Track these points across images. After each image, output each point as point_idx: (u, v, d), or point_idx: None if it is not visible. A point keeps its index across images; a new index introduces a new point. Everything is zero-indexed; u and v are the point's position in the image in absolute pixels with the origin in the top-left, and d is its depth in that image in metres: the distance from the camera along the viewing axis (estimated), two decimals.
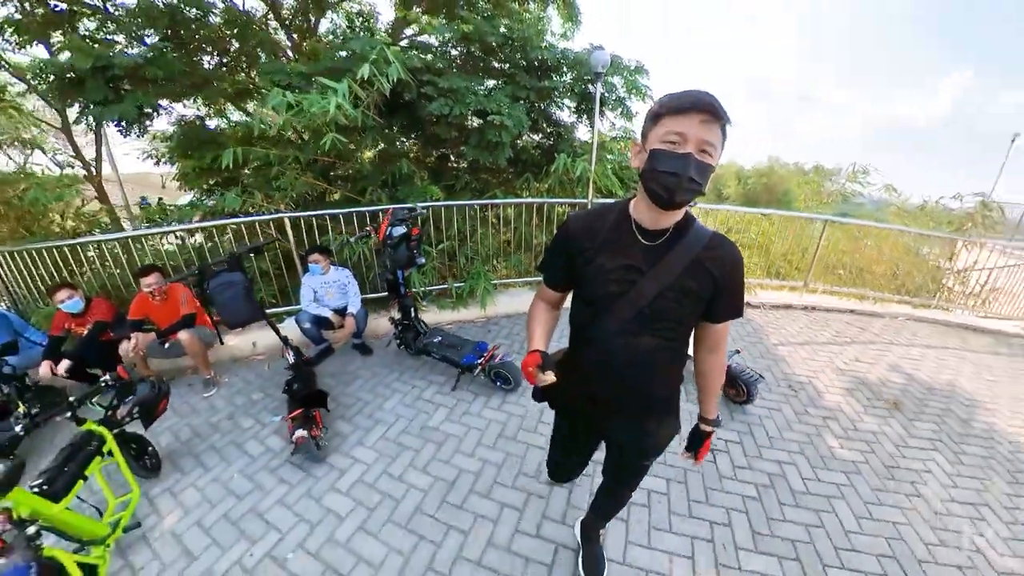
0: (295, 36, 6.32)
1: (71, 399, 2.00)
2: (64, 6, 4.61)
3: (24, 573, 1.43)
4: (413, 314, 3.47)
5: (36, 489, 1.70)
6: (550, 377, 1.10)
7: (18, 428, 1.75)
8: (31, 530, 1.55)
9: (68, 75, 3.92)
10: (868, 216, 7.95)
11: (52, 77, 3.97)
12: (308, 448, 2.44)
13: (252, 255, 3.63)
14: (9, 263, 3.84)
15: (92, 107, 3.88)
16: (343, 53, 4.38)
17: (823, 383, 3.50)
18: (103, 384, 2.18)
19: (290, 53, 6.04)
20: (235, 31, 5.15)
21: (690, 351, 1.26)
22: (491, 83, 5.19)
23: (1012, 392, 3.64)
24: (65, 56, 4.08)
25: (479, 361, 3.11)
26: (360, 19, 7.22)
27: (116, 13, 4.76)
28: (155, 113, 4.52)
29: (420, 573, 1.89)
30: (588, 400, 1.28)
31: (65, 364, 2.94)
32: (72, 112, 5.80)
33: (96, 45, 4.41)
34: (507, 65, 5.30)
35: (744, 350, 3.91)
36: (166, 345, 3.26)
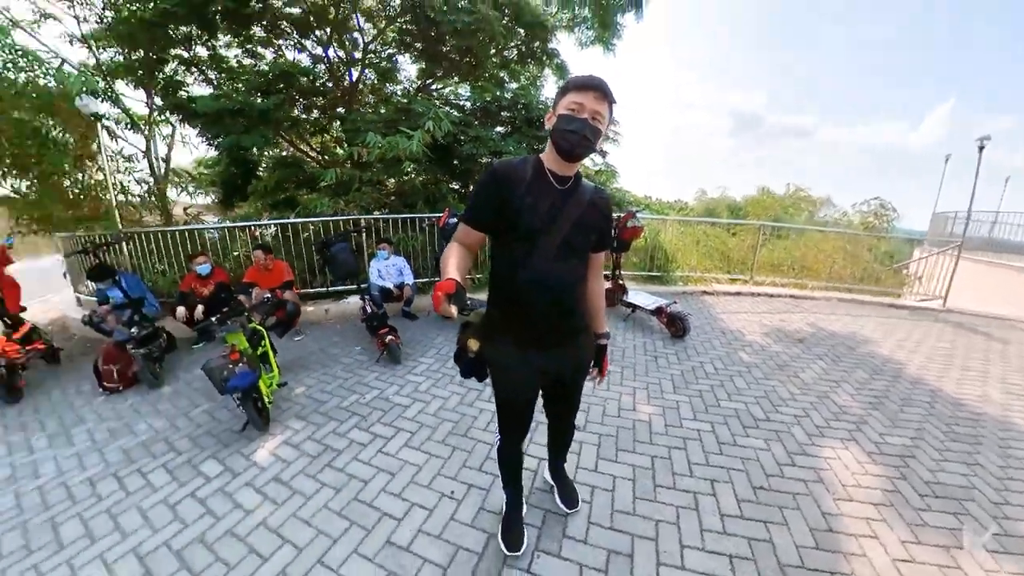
0: (343, 85, 8.15)
1: (246, 309, 3.25)
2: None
3: (250, 375, 2.65)
4: None
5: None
6: (474, 345, 1.42)
7: (215, 322, 2.90)
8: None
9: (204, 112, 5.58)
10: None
11: (202, 114, 5.63)
12: (395, 349, 3.70)
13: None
14: (135, 243, 5.26)
15: (225, 137, 5.47)
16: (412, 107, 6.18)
17: (748, 331, 4.79)
18: (265, 299, 3.46)
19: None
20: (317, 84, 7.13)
21: None
22: (499, 129, 7.07)
23: (898, 336, 4.90)
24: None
25: None
26: (384, 74, 9.03)
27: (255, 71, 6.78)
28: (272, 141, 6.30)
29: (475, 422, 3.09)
30: (529, 328, 1.42)
31: (200, 309, 4.19)
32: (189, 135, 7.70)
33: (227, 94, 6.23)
34: (512, 116, 7.21)
35: (691, 315, 5.20)
36: (267, 297, 4.50)
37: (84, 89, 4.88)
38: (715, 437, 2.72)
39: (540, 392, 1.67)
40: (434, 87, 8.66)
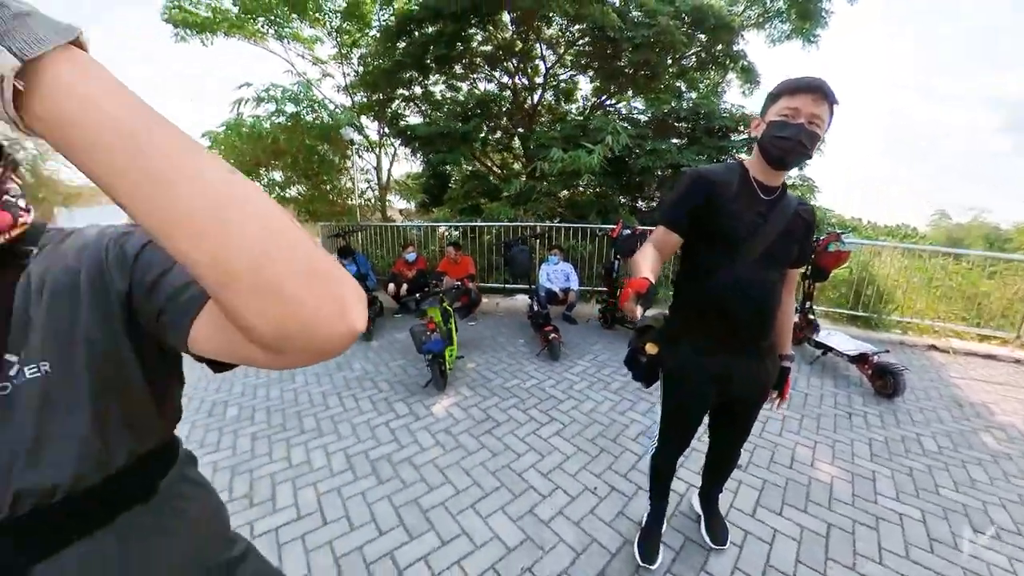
0: (524, 108, 9.10)
1: (439, 292, 3.87)
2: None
3: (440, 343, 3.14)
4: (619, 293, 4.85)
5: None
6: (652, 349, 1.40)
7: (417, 298, 3.57)
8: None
9: (421, 136, 6.92)
10: None
11: (419, 138, 7.03)
12: (556, 347, 3.94)
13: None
14: (366, 233, 6.88)
15: (435, 155, 6.67)
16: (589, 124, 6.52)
17: (1003, 410, 3.56)
18: (455, 286, 4.06)
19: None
20: (503, 108, 8.22)
21: None
22: (675, 141, 6.93)
23: None
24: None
25: None
26: (564, 95, 9.70)
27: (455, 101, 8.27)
28: (467, 158, 7.45)
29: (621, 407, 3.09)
30: (717, 336, 1.38)
31: (405, 287, 5.12)
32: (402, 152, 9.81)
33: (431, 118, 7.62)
34: (690, 127, 6.99)
35: (909, 372, 4.14)
36: (457, 285, 5.26)
37: (346, 123, 7.01)
38: (926, 530, 2.15)
39: (709, 411, 1.59)
40: (609, 102, 8.95)
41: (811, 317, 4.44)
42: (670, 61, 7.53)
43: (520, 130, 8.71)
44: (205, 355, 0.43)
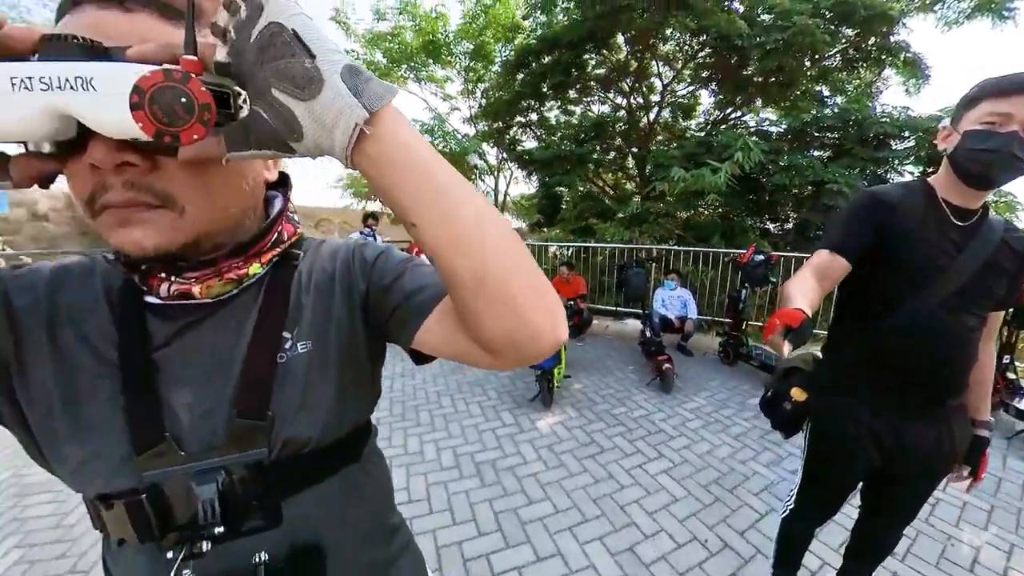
0: (639, 127, 8.89)
1: None
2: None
3: (552, 360, 3.14)
4: (744, 326, 4.39)
5: None
6: (800, 395, 1.18)
7: None
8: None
9: (538, 159, 7.25)
10: None
11: (536, 161, 7.40)
12: (669, 378, 3.71)
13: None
14: None
15: (551, 177, 6.93)
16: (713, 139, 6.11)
17: None
18: (567, 305, 4.07)
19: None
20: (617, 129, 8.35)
21: None
22: (816, 153, 6.15)
23: None
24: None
25: None
26: (683, 111, 9.23)
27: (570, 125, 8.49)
28: (584, 181, 7.63)
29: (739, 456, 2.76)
30: (890, 387, 1.17)
31: None
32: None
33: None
34: (838, 138, 6.08)
35: None
36: (569, 304, 5.25)
37: (472, 151, 7.91)
38: None
39: (867, 476, 1.32)
40: (733, 116, 8.34)
41: (1011, 376, 3.49)
42: (808, 64, 6.67)
43: (635, 149, 8.58)
44: (424, 350, 0.53)
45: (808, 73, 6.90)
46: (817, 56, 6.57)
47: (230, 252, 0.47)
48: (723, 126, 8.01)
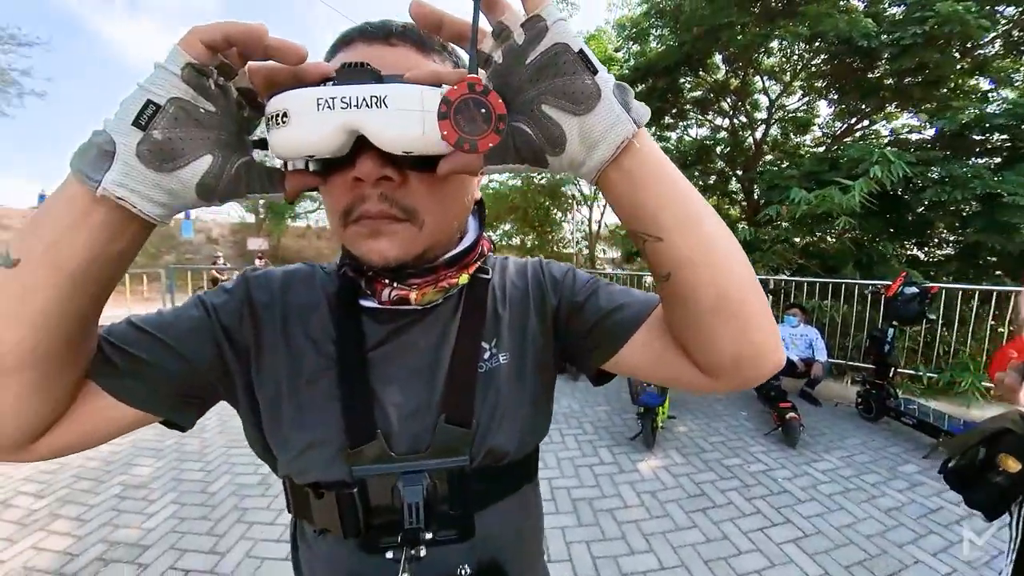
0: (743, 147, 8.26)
1: None
2: None
3: (658, 398, 2.91)
4: (891, 374, 3.69)
5: None
6: (1013, 466, 0.97)
7: None
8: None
9: None
10: None
11: None
12: (794, 429, 3.21)
13: None
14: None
15: None
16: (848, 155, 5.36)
17: None
18: None
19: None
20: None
21: None
22: (981, 161, 5.12)
23: None
24: None
25: None
26: (796, 126, 8.32)
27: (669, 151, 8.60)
28: None
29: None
30: None
31: None
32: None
33: None
34: (1008, 138, 5.05)
35: None
36: None
37: (569, 181, 8.23)
38: None
39: None
40: (860, 126, 7.29)
41: None
42: (958, 55, 5.56)
43: (739, 172, 7.93)
44: (621, 371, 0.53)
45: (959, 66, 5.76)
46: (970, 45, 5.48)
47: (447, 262, 0.50)
48: (847, 139, 7.06)
